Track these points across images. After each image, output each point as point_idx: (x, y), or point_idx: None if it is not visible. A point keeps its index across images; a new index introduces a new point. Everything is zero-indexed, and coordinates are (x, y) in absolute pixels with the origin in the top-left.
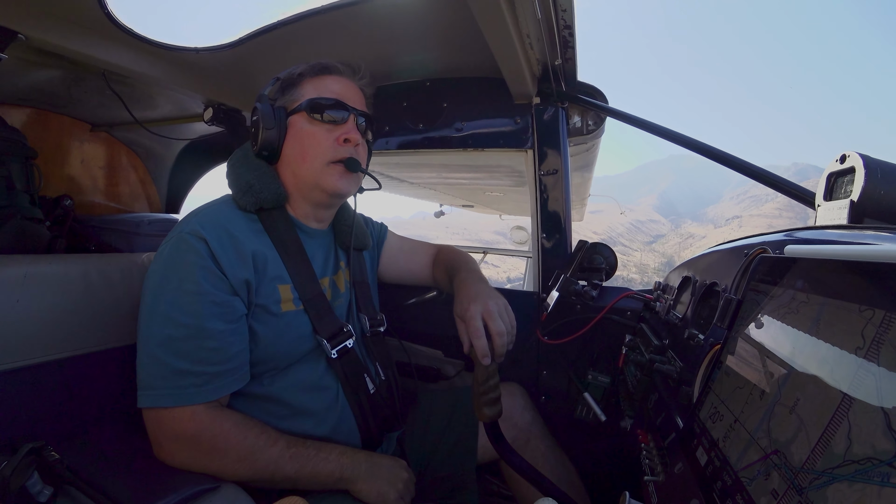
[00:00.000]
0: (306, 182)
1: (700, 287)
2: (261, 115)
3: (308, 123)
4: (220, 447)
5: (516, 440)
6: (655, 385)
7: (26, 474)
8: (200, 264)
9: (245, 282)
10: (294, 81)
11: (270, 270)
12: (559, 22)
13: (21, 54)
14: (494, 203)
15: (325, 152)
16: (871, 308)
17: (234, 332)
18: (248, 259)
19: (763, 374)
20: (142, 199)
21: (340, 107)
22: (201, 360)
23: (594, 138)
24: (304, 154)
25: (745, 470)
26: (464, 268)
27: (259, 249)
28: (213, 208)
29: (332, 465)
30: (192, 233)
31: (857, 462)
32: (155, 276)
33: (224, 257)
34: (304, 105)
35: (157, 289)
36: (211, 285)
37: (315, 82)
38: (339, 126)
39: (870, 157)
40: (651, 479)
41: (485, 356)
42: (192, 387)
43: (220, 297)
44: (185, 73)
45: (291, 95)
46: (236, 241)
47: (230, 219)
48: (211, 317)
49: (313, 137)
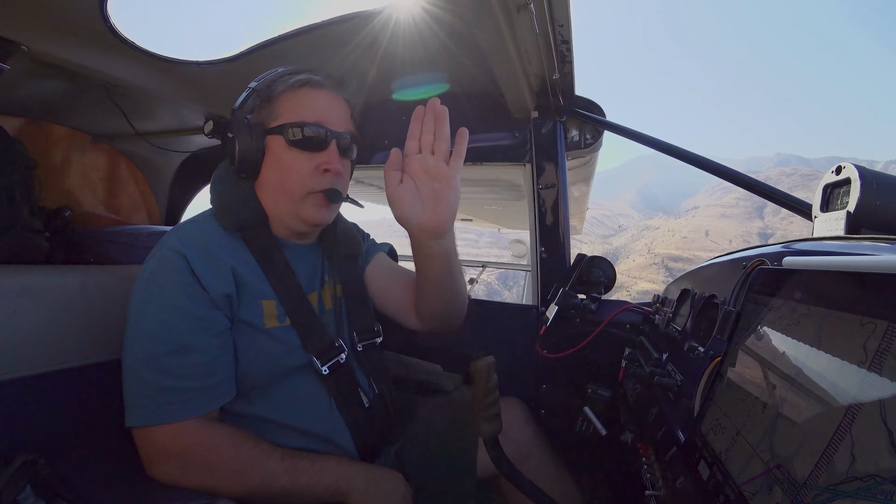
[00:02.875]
0: (285, 211)
1: (699, 299)
2: (236, 132)
3: (286, 150)
4: (213, 462)
5: (516, 455)
6: (656, 398)
7: (18, 487)
8: (180, 280)
9: (226, 296)
10: (270, 94)
11: (252, 286)
12: (556, 37)
13: (23, 65)
14: (493, 217)
15: (303, 182)
16: (872, 320)
17: (217, 347)
18: (227, 274)
19: (765, 386)
20: (141, 210)
21: (320, 132)
22: (186, 376)
23: (592, 152)
24: (283, 183)
25: (748, 484)
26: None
27: (239, 265)
28: (195, 224)
29: (328, 477)
30: (172, 248)
31: (860, 479)
32: (137, 294)
33: (203, 272)
34: (282, 128)
35: (140, 306)
36: (191, 301)
37: (294, 98)
38: (319, 153)
39: (865, 168)
40: (652, 493)
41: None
42: (177, 403)
43: (201, 312)
44: (187, 86)
45: (269, 111)
46: (215, 256)
47: (210, 234)
48: (193, 332)
49: (291, 166)
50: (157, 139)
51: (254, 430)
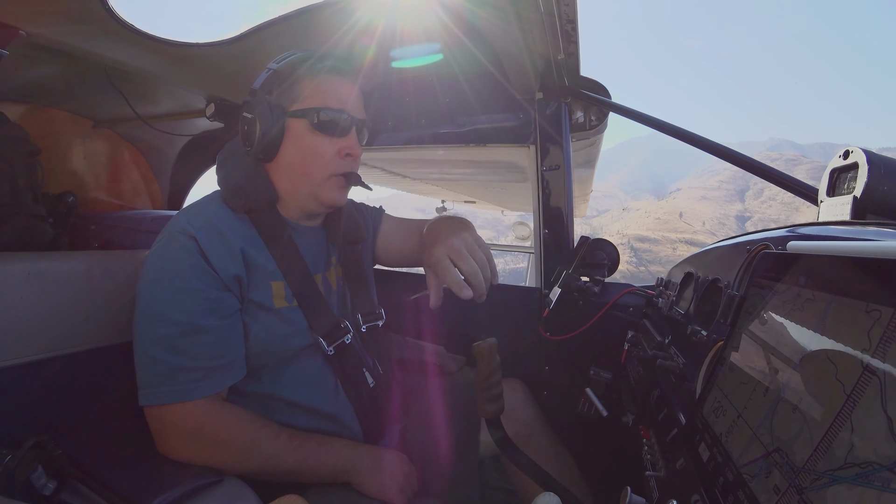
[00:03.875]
0: (303, 192)
1: (702, 283)
2: (257, 113)
3: (309, 132)
4: (223, 440)
5: (518, 435)
6: (658, 381)
7: (30, 468)
8: (190, 262)
9: (236, 277)
10: (292, 77)
11: (261, 266)
12: (562, 16)
13: (23, 51)
14: (497, 199)
15: (326, 165)
16: (877, 307)
17: (228, 328)
18: (237, 255)
19: (767, 370)
20: (144, 195)
21: (344, 118)
22: (198, 356)
23: (597, 133)
24: (305, 164)
25: (747, 466)
26: (435, 220)
27: (248, 246)
28: (202, 205)
29: (333, 457)
30: (182, 231)
31: (858, 465)
32: (147, 276)
33: (213, 254)
34: (307, 112)
35: (150, 288)
36: (202, 282)
37: (316, 83)
38: (341, 138)
39: (873, 153)
40: (653, 474)
41: (462, 288)
42: (190, 382)
43: (212, 294)
44: (187, 68)
45: (289, 93)
46: (225, 237)
47: (219, 216)
48: (204, 313)
49: (315, 149)
50: (159, 123)
51: (262, 408)
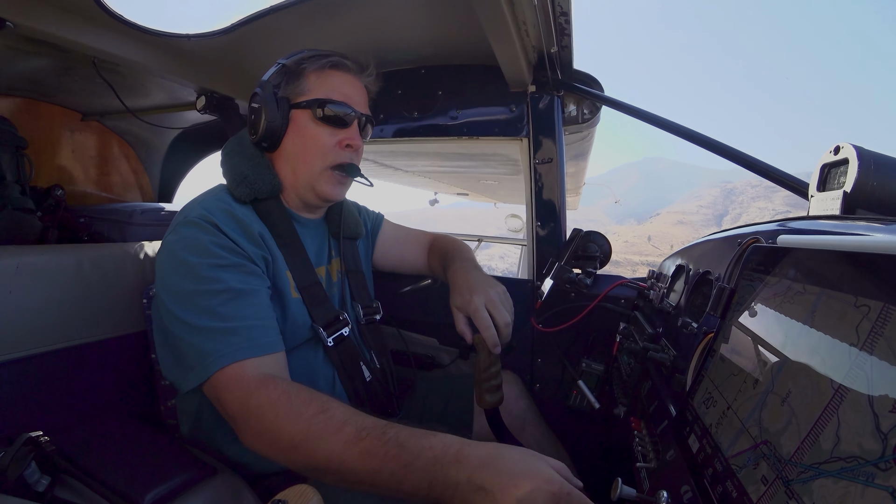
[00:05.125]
0: (302, 181)
1: (693, 276)
2: (264, 104)
3: (312, 123)
4: (268, 425)
5: (511, 427)
6: (649, 373)
7: (24, 464)
8: (216, 241)
9: (262, 258)
10: (299, 71)
11: (276, 255)
12: (555, 9)
13: (10, 42)
14: (490, 191)
15: (326, 155)
16: (866, 301)
17: (265, 293)
18: (258, 239)
19: (756, 362)
20: (134, 188)
21: (347, 111)
22: (247, 316)
23: (589, 127)
24: (306, 153)
25: (736, 458)
26: (458, 256)
27: (265, 233)
28: (212, 195)
29: (423, 472)
30: (199, 216)
31: (843, 459)
32: (169, 263)
33: (237, 236)
34: (311, 103)
35: (176, 272)
36: (233, 255)
37: (322, 77)
38: (343, 129)
39: (863, 149)
40: (643, 465)
41: (496, 345)
42: (238, 341)
43: (247, 268)
44: (177, 60)
45: (295, 87)
46: (242, 223)
47: (230, 205)
48: (240, 281)
49: (316, 138)
50: (149, 116)
51: None
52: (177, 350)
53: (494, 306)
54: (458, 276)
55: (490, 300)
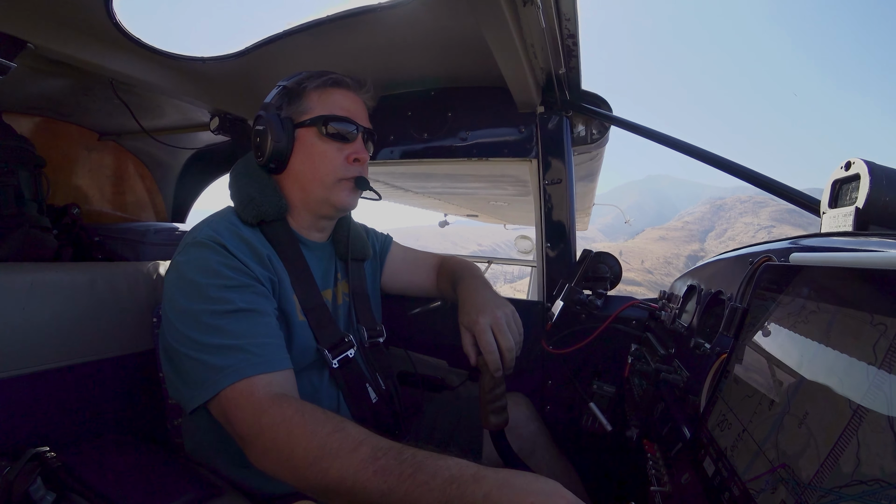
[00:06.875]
0: (315, 197)
1: (705, 296)
2: (268, 125)
3: (318, 140)
4: (282, 444)
5: (521, 450)
6: (661, 394)
7: (29, 479)
8: (225, 262)
9: (270, 280)
10: (300, 92)
11: (283, 278)
12: (563, 31)
13: (30, 63)
14: (499, 212)
15: (335, 170)
16: (882, 319)
17: (273, 313)
18: (266, 261)
19: (772, 383)
20: (148, 208)
21: (351, 125)
22: (256, 334)
23: (598, 147)
24: (315, 171)
25: (753, 482)
26: (468, 275)
27: (272, 255)
28: (220, 217)
29: (435, 495)
30: (208, 237)
31: (865, 483)
32: (178, 283)
33: (245, 258)
34: (315, 121)
35: (185, 292)
36: (241, 276)
37: (322, 95)
38: (348, 144)
39: (875, 164)
40: (657, 489)
41: (498, 370)
42: (248, 358)
43: (256, 289)
44: (192, 82)
45: (298, 106)
46: (251, 244)
47: (238, 227)
48: (248, 301)
49: (324, 155)
50: (164, 136)
51: None
52: (183, 368)
53: (500, 329)
54: (466, 293)
55: (496, 321)
